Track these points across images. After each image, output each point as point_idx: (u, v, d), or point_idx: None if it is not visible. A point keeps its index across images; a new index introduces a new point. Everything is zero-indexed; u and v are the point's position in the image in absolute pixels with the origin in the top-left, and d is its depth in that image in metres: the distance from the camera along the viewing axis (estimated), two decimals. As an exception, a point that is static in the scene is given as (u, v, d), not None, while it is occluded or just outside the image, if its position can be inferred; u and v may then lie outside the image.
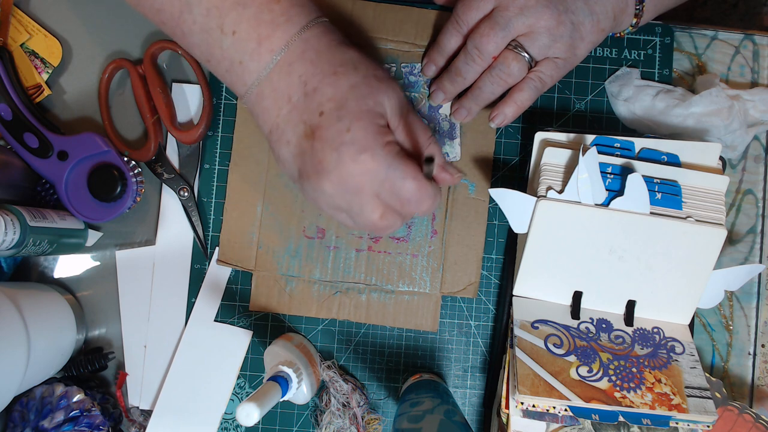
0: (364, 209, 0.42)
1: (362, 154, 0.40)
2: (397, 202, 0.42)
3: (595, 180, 0.49)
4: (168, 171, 0.56)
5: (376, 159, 0.40)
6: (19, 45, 0.55)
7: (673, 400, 0.46)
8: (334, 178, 0.41)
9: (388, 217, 0.43)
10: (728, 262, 0.57)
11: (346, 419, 0.53)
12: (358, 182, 0.41)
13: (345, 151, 0.40)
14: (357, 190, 0.41)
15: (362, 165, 0.40)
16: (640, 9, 0.50)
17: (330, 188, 0.42)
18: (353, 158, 0.40)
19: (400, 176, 0.41)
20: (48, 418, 0.51)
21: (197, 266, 0.56)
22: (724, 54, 0.58)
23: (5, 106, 0.52)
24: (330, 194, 0.42)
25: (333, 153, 0.40)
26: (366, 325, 0.56)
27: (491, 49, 0.48)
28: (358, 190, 0.41)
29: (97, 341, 0.56)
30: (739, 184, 0.57)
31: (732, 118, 0.53)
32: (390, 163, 0.41)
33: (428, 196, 0.42)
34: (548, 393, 0.46)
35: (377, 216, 0.43)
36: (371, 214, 0.42)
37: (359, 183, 0.41)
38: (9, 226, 0.46)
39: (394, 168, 0.41)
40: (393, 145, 0.42)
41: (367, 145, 0.40)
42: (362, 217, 0.43)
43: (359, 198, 0.42)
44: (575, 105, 0.57)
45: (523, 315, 0.51)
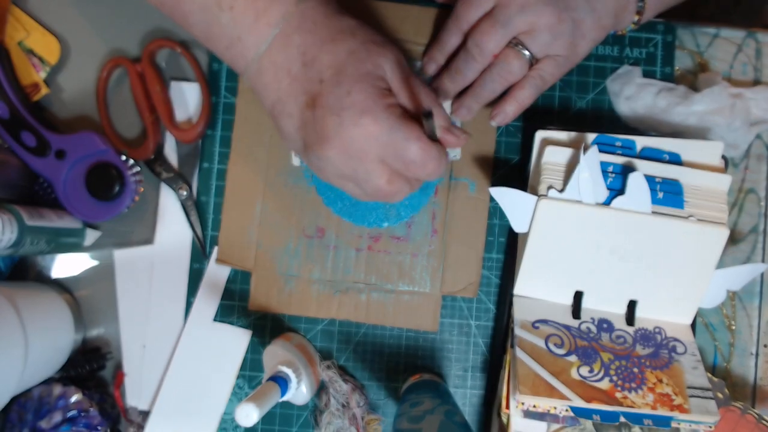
0: (370, 175, 0.42)
1: (363, 117, 0.40)
2: (402, 165, 0.42)
3: (597, 179, 0.49)
4: (167, 170, 0.56)
5: (378, 121, 0.40)
6: (16, 43, 0.55)
7: (674, 401, 0.46)
8: (337, 144, 0.41)
9: (396, 182, 0.43)
10: (730, 261, 0.56)
11: (346, 419, 0.52)
12: (361, 146, 0.41)
13: (346, 116, 0.40)
14: (361, 154, 0.41)
15: (364, 128, 0.40)
16: (641, 6, 0.50)
17: (334, 155, 0.41)
18: (354, 122, 0.40)
19: (402, 138, 0.41)
20: (46, 419, 0.51)
21: (196, 266, 0.56)
22: (726, 52, 0.58)
23: (2, 104, 0.52)
24: (335, 161, 0.42)
25: (334, 118, 0.40)
26: (366, 325, 0.56)
27: (492, 47, 0.48)
28: (362, 155, 0.41)
29: (95, 341, 0.56)
30: (742, 183, 0.57)
31: (734, 117, 0.53)
32: (392, 125, 0.40)
33: (433, 157, 0.42)
34: (549, 393, 0.46)
35: (384, 181, 0.42)
36: (378, 179, 0.42)
37: (362, 147, 0.41)
38: (6, 226, 0.46)
39: (397, 130, 0.41)
40: (395, 108, 0.41)
41: (368, 108, 0.40)
42: (369, 183, 0.43)
43: (364, 163, 0.41)
44: (576, 103, 0.57)
45: (524, 315, 0.51)
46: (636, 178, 0.48)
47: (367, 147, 0.41)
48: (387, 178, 0.43)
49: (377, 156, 0.41)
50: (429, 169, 0.42)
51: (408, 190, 0.44)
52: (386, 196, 0.44)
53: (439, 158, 0.42)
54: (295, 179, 0.56)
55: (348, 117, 0.40)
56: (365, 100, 0.40)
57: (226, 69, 0.56)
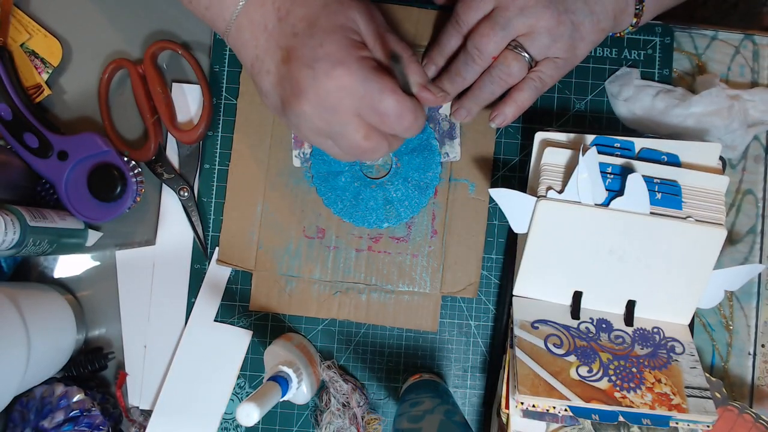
0: (346, 129, 0.42)
1: (336, 68, 0.40)
2: (377, 119, 0.42)
3: (595, 180, 0.49)
4: (168, 171, 0.56)
5: (351, 72, 0.40)
6: (19, 45, 0.55)
7: (673, 400, 0.46)
8: (312, 97, 0.41)
9: (373, 137, 0.42)
10: (728, 262, 0.57)
11: (346, 419, 0.53)
12: (335, 99, 0.40)
13: (319, 67, 0.40)
14: (335, 107, 0.41)
15: (338, 80, 0.40)
16: (640, 9, 0.50)
17: (309, 108, 0.41)
18: (327, 73, 0.40)
19: (377, 89, 0.40)
20: (48, 418, 0.51)
21: (197, 266, 0.56)
22: (724, 54, 0.58)
23: (5, 106, 0.52)
24: (310, 116, 0.41)
25: (308, 70, 0.40)
26: (366, 325, 0.56)
27: (491, 50, 0.48)
28: (337, 108, 0.41)
29: (97, 341, 0.56)
30: (739, 184, 0.57)
31: (732, 118, 0.53)
32: (366, 76, 0.40)
33: (408, 110, 0.41)
34: (548, 393, 0.46)
35: (361, 136, 0.42)
36: (354, 134, 0.42)
37: (337, 100, 0.40)
38: (9, 226, 0.46)
39: (370, 81, 0.40)
40: (368, 60, 0.41)
41: (341, 59, 0.40)
42: (345, 139, 0.42)
43: (339, 116, 0.41)
44: (575, 105, 0.57)
45: (523, 315, 0.51)
46: (634, 179, 0.48)
47: (341, 99, 0.40)
48: (363, 133, 0.42)
49: (352, 109, 0.41)
50: (405, 122, 0.42)
51: (386, 147, 0.44)
52: (364, 152, 0.43)
53: (415, 111, 0.42)
54: (296, 180, 0.56)
55: (321, 69, 0.40)
56: (338, 51, 0.40)
57: (227, 70, 0.57)
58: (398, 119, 0.41)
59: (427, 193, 0.56)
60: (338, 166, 0.56)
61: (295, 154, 0.56)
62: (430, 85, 0.46)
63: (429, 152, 0.56)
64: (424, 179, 0.55)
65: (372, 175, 0.56)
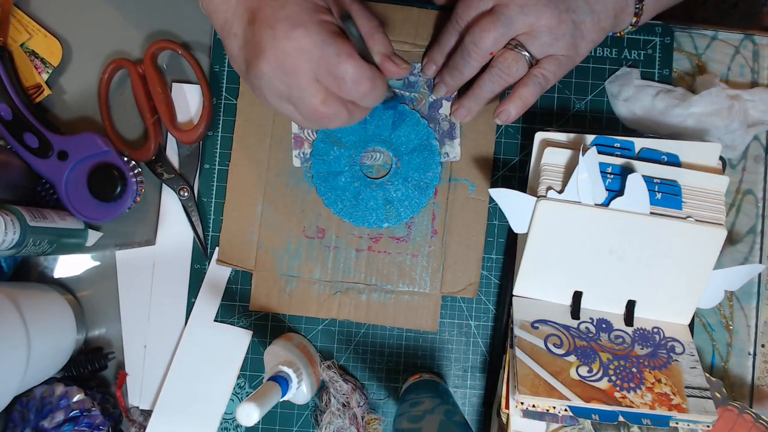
0: (304, 92, 0.42)
1: (295, 30, 0.40)
2: (333, 83, 0.42)
3: (595, 180, 0.49)
4: (168, 171, 0.56)
5: (310, 35, 0.40)
6: (19, 45, 0.55)
7: (673, 400, 0.46)
8: (271, 57, 0.41)
9: (331, 103, 0.42)
10: (728, 262, 0.57)
11: (346, 419, 0.53)
12: (293, 61, 0.41)
13: (279, 28, 0.40)
14: (293, 69, 0.41)
15: (296, 42, 0.40)
16: (639, 8, 0.50)
17: (268, 69, 0.41)
18: (287, 34, 0.40)
19: (334, 53, 0.40)
20: (48, 418, 0.51)
21: (197, 266, 0.56)
22: (724, 54, 0.58)
23: (5, 106, 0.52)
24: (269, 77, 0.42)
25: (269, 31, 0.41)
26: (366, 325, 0.56)
27: (488, 45, 0.48)
28: (295, 70, 0.41)
29: (97, 341, 0.56)
30: (739, 184, 0.57)
31: (732, 118, 0.53)
32: (324, 39, 0.40)
33: (366, 76, 0.41)
34: (548, 393, 0.46)
35: (318, 101, 0.42)
36: (312, 98, 0.42)
37: (295, 61, 0.41)
38: (9, 226, 0.46)
39: (328, 45, 0.40)
40: (329, 24, 0.41)
41: (301, 21, 0.40)
42: (304, 103, 0.42)
43: (297, 79, 0.41)
44: (575, 105, 0.57)
45: (523, 315, 0.51)
46: (634, 179, 0.48)
47: (299, 61, 0.41)
48: (322, 98, 0.42)
49: (310, 72, 0.41)
50: (361, 88, 0.42)
51: (346, 116, 0.44)
52: (322, 118, 0.43)
53: (372, 79, 0.42)
54: (296, 180, 0.56)
55: (281, 29, 0.40)
56: (299, 13, 0.40)
57: (227, 70, 0.57)
58: (354, 84, 0.41)
59: (427, 193, 0.56)
60: (338, 166, 0.56)
61: (295, 154, 0.56)
62: (394, 57, 0.46)
63: (429, 152, 0.56)
64: (424, 179, 0.55)
65: (372, 175, 0.56)
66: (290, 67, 0.41)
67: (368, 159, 0.56)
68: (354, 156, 0.56)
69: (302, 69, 0.41)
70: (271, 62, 0.41)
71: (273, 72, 0.41)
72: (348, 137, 0.56)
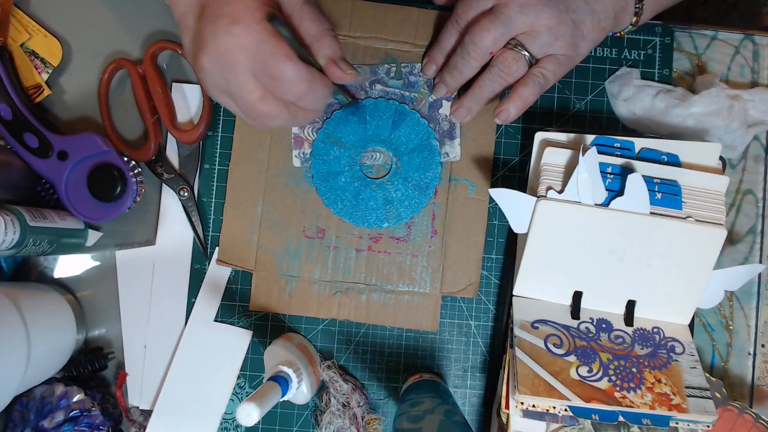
0: (242, 89, 0.42)
1: (235, 26, 0.40)
2: (270, 83, 0.42)
3: (595, 180, 0.49)
4: (168, 171, 0.56)
5: (249, 32, 0.40)
6: (19, 45, 0.55)
7: (673, 400, 0.46)
8: (211, 51, 0.41)
9: (269, 101, 0.42)
10: (728, 262, 0.57)
11: (346, 419, 0.53)
12: (232, 56, 0.41)
13: (220, 23, 0.40)
14: (232, 65, 0.41)
15: (236, 38, 0.40)
16: (639, 8, 0.50)
17: (208, 63, 0.41)
18: (227, 30, 0.40)
19: (270, 51, 0.40)
20: (48, 418, 0.51)
21: (197, 266, 0.56)
22: (724, 54, 0.58)
23: (5, 106, 0.52)
24: (210, 71, 0.42)
25: (212, 26, 0.41)
26: (366, 325, 0.56)
27: (488, 44, 0.48)
28: (233, 66, 0.41)
29: (97, 341, 0.56)
30: (739, 184, 0.57)
31: (732, 118, 0.53)
32: (263, 37, 0.40)
33: (302, 78, 0.41)
34: (548, 393, 0.46)
35: (256, 97, 0.42)
36: (249, 94, 0.42)
37: (233, 57, 0.41)
38: (9, 226, 0.46)
39: (267, 43, 0.40)
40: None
41: (242, 18, 0.40)
42: (242, 98, 0.42)
43: (235, 75, 0.41)
44: (575, 105, 0.57)
45: (523, 315, 0.51)
46: (634, 179, 0.48)
47: (237, 57, 0.41)
48: (259, 95, 0.42)
49: (248, 68, 0.41)
50: (298, 89, 0.42)
51: (286, 115, 0.44)
52: (261, 116, 0.43)
53: (310, 81, 0.42)
54: (296, 180, 0.56)
55: (222, 24, 0.40)
56: (241, 10, 0.40)
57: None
58: (290, 85, 0.41)
59: (427, 193, 0.56)
60: (338, 166, 0.56)
61: (295, 154, 0.56)
62: (340, 61, 0.45)
63: (429, 152, 0.56)
64: (424, 179, 0.55)
65: (372, 175, 0.56)
66: (229, 62, 0.41)
67: (368, 159, 0.56)
68: (354, 156, 0.56)
69: (240, 65, 0.41)
70: (210, 56, 0.41)
71: (212, 66, 0.42)
72: (348, 137, 0.56)
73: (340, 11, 0.56)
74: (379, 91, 0.56)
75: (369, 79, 0.56)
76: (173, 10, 0.45)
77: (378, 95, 0.56)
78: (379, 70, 0.56)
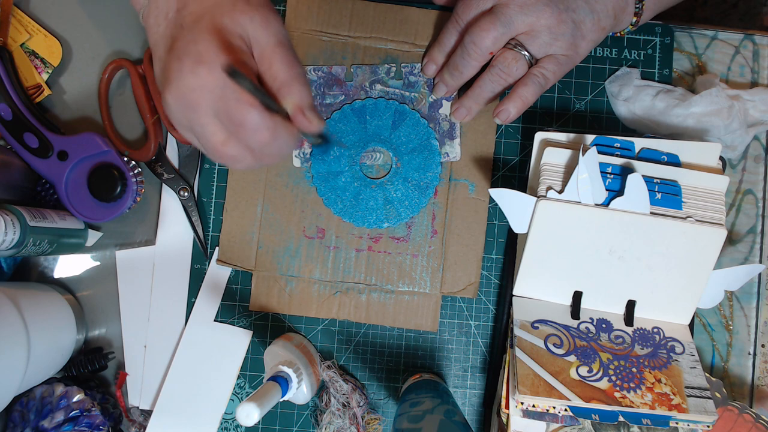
0: (205, 130, 0.41)
1: (200, 66, 0.39)
2: (233, 128, 0.41)
3: (595, 180, 0.49)
4: (168, 171, 0.56)
5: (213, 74, 0.39)
6: (19, 45, 0.55)
7: (673, 400, 0.46)
8: (174, 89, 0.40)
9: (232, 145, 0.41)
10: (728, 262, 0.57)
11: (346, 419, 0.53)
12: (195, 97, 0.40)
13: (186, 61, 0.40)
14: (194, 105, 0.40)
15: (199, 78, 0.39)
16: (639, 7, 0.51)
17: (171, 100, 0.41)
18: (191, 69, 0.40)
19: (234, 97, 0.39)
20: (48, 418, 0.51)
21: (197, 266, 0.56)
22: (724, 54, 0.58)
23: (5, 106, 0.52)
24: (173, 108, 0.41)
25: (177, 63, 0.40)
26: (366, 325, 0.56)
27: (488, 44, 0.48)
28: (195, 106, 0.40)
29: (97, 341, 0.56)
30: (739, 184, 0.57)
31: (732, 118, 0.53)
32: (228, 82, 0.39)
33: (265, 127, 0.40)
34: (548, 393, 0.46)
35: (219, 140, 0.41)
36: (212, 136, 0.41)
37: (195, 97, 0.40)
38: (9, 226, 0.46)
39: (230, 88, 0.39)
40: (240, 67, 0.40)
41: (208, 59, 0.40)
42: (205, 139, 0.42)
43: (197, 115, 0.41)
44: (575, 105, 0.57)
45: (523, 315, 0.51)
46: (634, 179, 0.48)
47: (200, 98, 0.40)
48: (222, 138, 0.41)
49: (211, 110, 0.40)
50: (261, 138, 0.40)
51: (250, 159, 0.42)
52: (224, 158, 0.42)
53: (273, 130, 0.40)
54: (296, 180, 0.56)
55: (187, 63, 0.40)
56: (208, 51, 0.40)
57: (227, 71, 0.57)
58: (253, 133, 0.40)
59: (427, 193, 0.56)
60: (338, 166, 0.56)
61: (295, 154, 0.56)
62: (308, 111, 0.42)
63: (429, 152, 0.56)
64: (424, 179, 0.55)
65: (372, 175, 0.56)
66: (191, 102, 0.40)
67: (368, 159, 0.56)
68: (354, 156, 0.56)
69: (202, 106, 0.40)
70: (173, 94, 0.40)
71: (176, 104, 0.41)
72: (348, 137, 0.56)
73: (340, 11, 0.56)
74: (379, 91, 0.56)
75: (369, 79, 0.56)
76: (148, 36, 0.45)
77: (378, 95, 0.56)
78: (379, 70, 0.56)
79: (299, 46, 0.56)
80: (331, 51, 0.56)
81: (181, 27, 0.41)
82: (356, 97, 0.56)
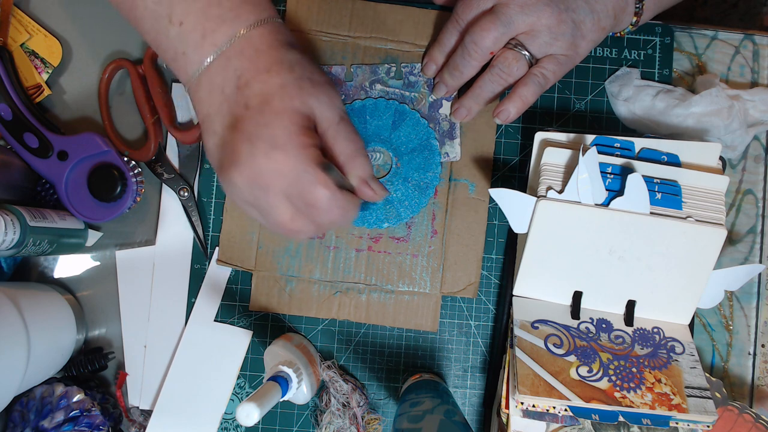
0: (273, 209, 0.42)
1: (275, 151, 0.40)
2: (305, 207, 0.41)
3: (595, 180, 0.49)
4: (168, 171, 0.56)
5: (289, 159, 0.40)
6: (19, 45, 0.55)
7: (673, 400, 0.46)
8: (245, 171, 0.41)
9: (299, 221, 0.42)
10: (728, 262, 0.57)
11: (346, 419, 0.53)
12: (268, 179, 0.41)
13: (259, 145, 0.40)
14: (266, 187, 0.41)
15: (274, 163, 0.40)
16: (640, 7, 0.51)
17: (240, 181, 0.41)
18: (266, 153, 0.40)
19: (310, 181, 0.40)
20: (48, 418, 0.51)
21: (197, 266, 0.56)
22: (724, 54, 0.58)
23: (5, 106, 0.52)
24: (240, 187, 0.42)
25: (248, 145, 0.40)
26: (366, 325, 0.56)
27: (488, 44, 0.48)
28: (267, 188, 0.41)
29: (97, 341, 0.56)
30: (739, 184, 0.57)
31: (732, 118, 0.53)
32: (303, 165, 0.40)
33: (337, 206, 0.41)
34: (548, 393, 0.46)
35: (287, 218, 0.42)
36: (280, 215, 0.42)
37: (269, 180, 0.41)
38: (9, 226, 0.46)
39: (305, 172, 0.40)
40: (311, 149, 0.41)
41: (282, 143, 0.40)
42: (271, 216, 0.42)
43: (267, 196, 0.41)
44: (575, 105, 0.57)
45: (523, 315, 0.51)
46: (635, 179, 0.48)
47: (273, 181, 0.41)
48: (290, 216, 0.42)
49: (282, 191, 0.41)
50: (332, 216, 0.42)
51: (313, 230, 0.44)
52: (288, 231, 0.43)
53: (345, 208, 0.42)
54: (296, 180, 0.56)
55: (260, 147, 0.40)
56: (282, 135, 0.40)
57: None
58: (326, 213, 0.41)
59: (427, 193, 0.56)
60: (338, 166, 0.56)
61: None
62: (371, 182, 0.45)
63: (429, 152, 0.56)
64: (424, 179, 0.55)
65: (372, 175, 0.56)
66: (263, 184, 0.41)
67: (368, 159, 0.56)
68: (354, 156, 0.56)
69: (275, 188, 0.41)
70: (244, 175, 0.41)
71: (244, 184, 0.41)
72: (348, 137, 0.56)
73: (340, 11, 0.56)
74: (379, 91, 0.56)
75: (369, 79, 0.56)
76: (196, 108, 0.44)
77: (378, 95, 0.56)
78: (379, 70, 0.56)
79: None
80: (331, 51, 0.56)
81: (246, 107, 0.41)
82: (356, 97, 0.56)
